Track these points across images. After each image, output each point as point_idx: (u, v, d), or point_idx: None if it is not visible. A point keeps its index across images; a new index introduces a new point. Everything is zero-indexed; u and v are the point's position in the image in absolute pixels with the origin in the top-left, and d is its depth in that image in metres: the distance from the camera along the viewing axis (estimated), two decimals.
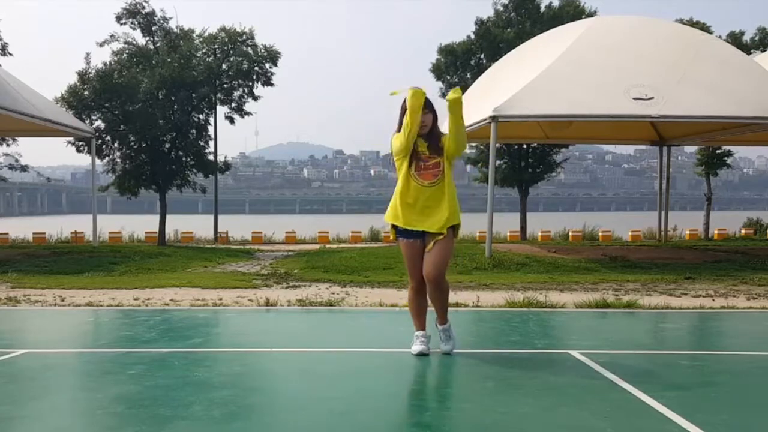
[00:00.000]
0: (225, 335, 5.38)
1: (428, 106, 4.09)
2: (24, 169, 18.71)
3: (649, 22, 13.27)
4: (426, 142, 4.10)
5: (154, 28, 17.24)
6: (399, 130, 4.13)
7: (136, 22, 16.95)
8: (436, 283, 4.09)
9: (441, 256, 4.06)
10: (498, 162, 19.17)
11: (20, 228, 23.02)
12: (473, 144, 19.32)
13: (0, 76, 13.39)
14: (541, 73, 11.37)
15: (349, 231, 21.62)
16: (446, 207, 4.06)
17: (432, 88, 21.07)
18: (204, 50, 17.90)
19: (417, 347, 4.23)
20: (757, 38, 20.71)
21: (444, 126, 4.20)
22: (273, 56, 17.66)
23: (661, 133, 16.41)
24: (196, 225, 23.52)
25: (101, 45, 16.84)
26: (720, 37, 18.04)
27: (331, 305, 6.62)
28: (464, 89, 17.15)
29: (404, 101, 4.09)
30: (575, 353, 4.30)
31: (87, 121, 16.14)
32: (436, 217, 4.06)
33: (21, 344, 4.68)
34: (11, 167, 18.64)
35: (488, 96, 12.44)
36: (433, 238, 4.08)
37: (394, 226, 4.21)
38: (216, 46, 17.85)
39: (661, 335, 5.41)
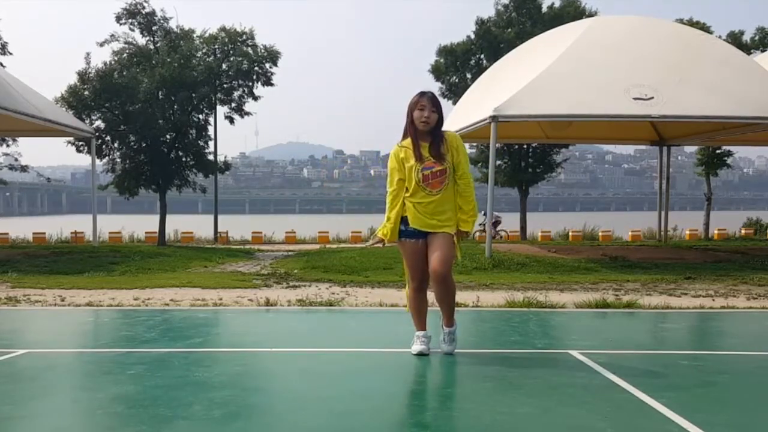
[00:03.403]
0: (225, 335, 5.39)
1: (435, 105, 4.09)
2: (24, 169, 18.71)
3: (649, 22, 13.27)
4: (427, 144, 4.08)
5: (154, 28, 17.24)
6: (404, 137, 4.17)
7: (135, 22, 16.95)
8: (442, 278, 4.05)
9: (446, 253, 4.04)
10: (498, 162, 19.18)
11: (20, 228, 23.03)
12: (473, 144, 19.34)
13: (0, 76, 13.39)
14: (541, 73, 11.37)
15: (349, 231, 21.62)
16: (451, 210, 4.10)
17: (433, 88, 21.10)
18: (204, 50, 17.89)
19: (417, 347, 4.23)
20: (757, 38, 20.70)
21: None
22: (273, 56, 17.65)
23: (661, 133, 16.41)
24: (196, 225, 23.53)
25: (101, 45, 16.84)
26: (720, 37, 18.04)
27: (331, 305, 6.62)
28: (464, 89, 17.20)
29: (410, 107, 4.11)
30: (575, 353, 4.30)
31: (87, 121, 16.14)
32: (441, 221, 4.07)
33: (21, 344, 4.68)
34: (11, 167, 18.64)
35: (488, 96, 12.45)
36: (434, 235, 4.08)
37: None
38: (216, 46, 17.84)
39: (661, 335, 5.41)
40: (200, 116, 17.68)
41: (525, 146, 19.74)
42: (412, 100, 4.14)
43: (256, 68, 17.60)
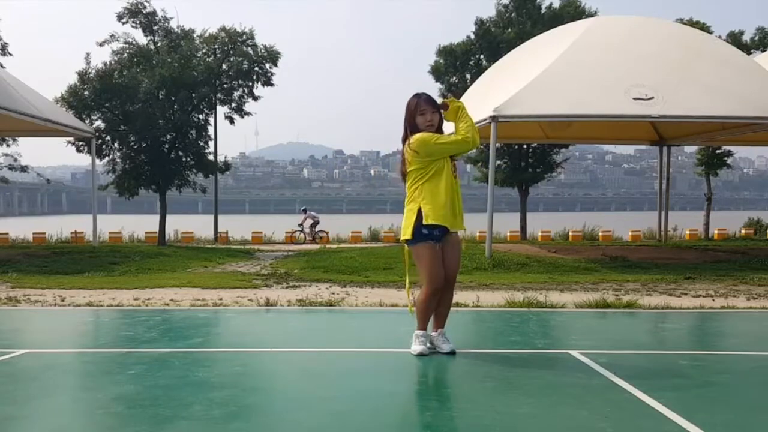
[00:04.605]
0: (225, 335, 5.38)
1: (435, 106, 4.16)
2: (24, 169, 18.72)
3: (649, 22, 13.27)
4: None
5: (155, 28, 17.25)
6: (407, 136, 4.15)
7: (137, 22, 16.96)
8: (453, 282, 4.24)
9: (460, 256, 4.27)
10: (498, 162, 19.17)
11: (20, 228, 23.03)
12: None
13: (0, 76, 13.39)
14: (542, 73, 11.37)
15: (349, 231, 21.64)
16: (461, 207, 4.22)
17: (432, 89, 21.11)
18: (204, 50, 17.90)
19: (419, 347, 4.23)
20: (757, 38, 20.72)
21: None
22: (273, 56, 17.66)
23: (661, 133, 16.41)
24: (196, 225, 23.53)
25: (101, 45, 16.84)
26: (720, 37, 18.04)
27: (331, 305, 6.62)
28: (464, 90, 17.21)
29: (410, 112, 4.15)
30: (575, 353, 4.30)
31: (87, 121, 16.14)
32: (458, 217, 4.18)
33: (21, 344, 4.68)
34: (11, 167, 18.65)
35: (488, 96, 12.44)
36: (448, 237, 4.17)
37: (419, 231, 4.08)
38: (216, 46, 17.85)
39: (661, 335, 5.41)
40: (200, 116, 17.69)
41: (525, 146, 19.74)
42: (410, 104, 4.17)
43: (256, 68, 17.61)
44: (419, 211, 4.07)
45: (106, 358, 4.20)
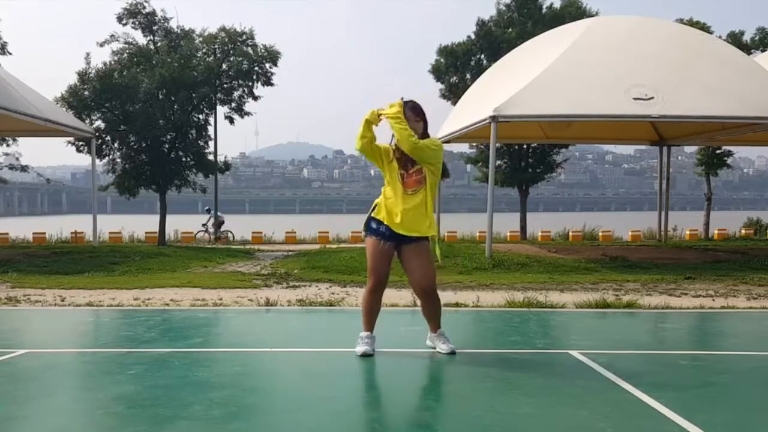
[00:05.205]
0: (225, 335, 5.39)
1: (418, 114, 4.12)
2: (24, 169, 18.71)
3: (649, 22, 13.27)
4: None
5: (154, 28, 17.24)
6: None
7: (137, 22, 16.95)
8: (429, 293, 4.16)
9: (429, 266, 4.15)
10: (498, 162, 19.16)
11: (20, 228, 23.02)
12: (473, 144, 19.33)
13: (0, 76, 13.39)
14: (542, 72, 11.37)
15: (349, 231, 21.61)
16: (425, 216, 4.12)
17: (432, 89, 21.09)
18: (204, 50, 17.88)
19: (361, 348, 4.21)
20: (757, 38, 20.70)
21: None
22: (273, 56, 17.64)
23: (661, 133, 16.41)
24: (197, 225, 23.50)
25: (101, 45, 16.84)
26: (720, 37, 18.03)
27: (331, 305, 6.62)
28: (464, 89, 17.20)
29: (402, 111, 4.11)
30: (575, 353, 4.30)
31: (87, 121, 16.13)
32: (416, 225, 4.09)
33: (21, 344, 4.68)
34: (11, 167, 18.64)
35: (488, 96, 12.44)
36: (409, 245, 4.11)
37: (369, 223, 4.21)
38: (216, 46, 17.82)
39: (661, 335, 5.41)
40: (200, 116, 17.66)
41: (525, 146, 19.74)
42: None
43: (256, 68, 17.58)
44: (377, 205, 4.20)
45: (106, 358, 4.20)
